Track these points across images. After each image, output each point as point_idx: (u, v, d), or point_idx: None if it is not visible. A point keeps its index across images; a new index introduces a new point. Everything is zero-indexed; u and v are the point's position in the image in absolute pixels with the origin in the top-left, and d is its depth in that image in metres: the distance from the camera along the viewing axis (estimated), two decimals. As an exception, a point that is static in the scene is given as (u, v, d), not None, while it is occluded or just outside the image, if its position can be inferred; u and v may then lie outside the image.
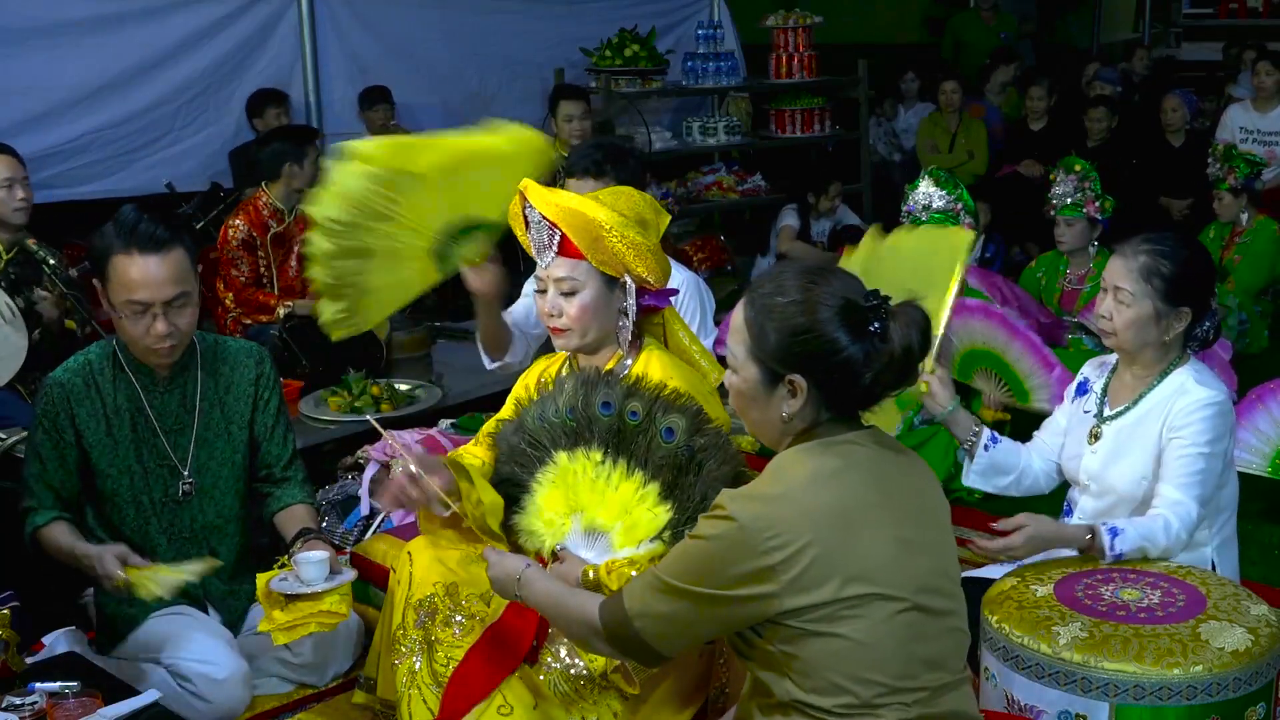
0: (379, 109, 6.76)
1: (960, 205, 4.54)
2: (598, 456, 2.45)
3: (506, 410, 2.79)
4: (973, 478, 2.93)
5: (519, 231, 2.73)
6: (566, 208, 2.56)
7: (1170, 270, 2.70)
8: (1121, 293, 2.73)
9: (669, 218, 2.77)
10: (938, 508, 2.00)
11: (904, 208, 4.66)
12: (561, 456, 2.49)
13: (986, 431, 2.90)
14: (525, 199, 2.62)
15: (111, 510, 2.92)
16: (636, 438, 2.43)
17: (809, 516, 1.82)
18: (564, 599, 2.12)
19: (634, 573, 2.38)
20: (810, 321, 1.87)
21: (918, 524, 1.92)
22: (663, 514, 2.41)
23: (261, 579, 2.78)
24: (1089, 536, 2.64)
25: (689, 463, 2.40)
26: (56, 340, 4.09)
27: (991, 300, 4.76)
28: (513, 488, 2.59)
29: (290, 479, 3.09)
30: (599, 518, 2.46)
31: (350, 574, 2.81)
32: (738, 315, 1.97)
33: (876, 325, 1.87)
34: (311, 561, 2.75)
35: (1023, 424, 4.02)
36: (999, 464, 2.91)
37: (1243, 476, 2.95)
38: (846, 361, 1.87)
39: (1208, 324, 2.79)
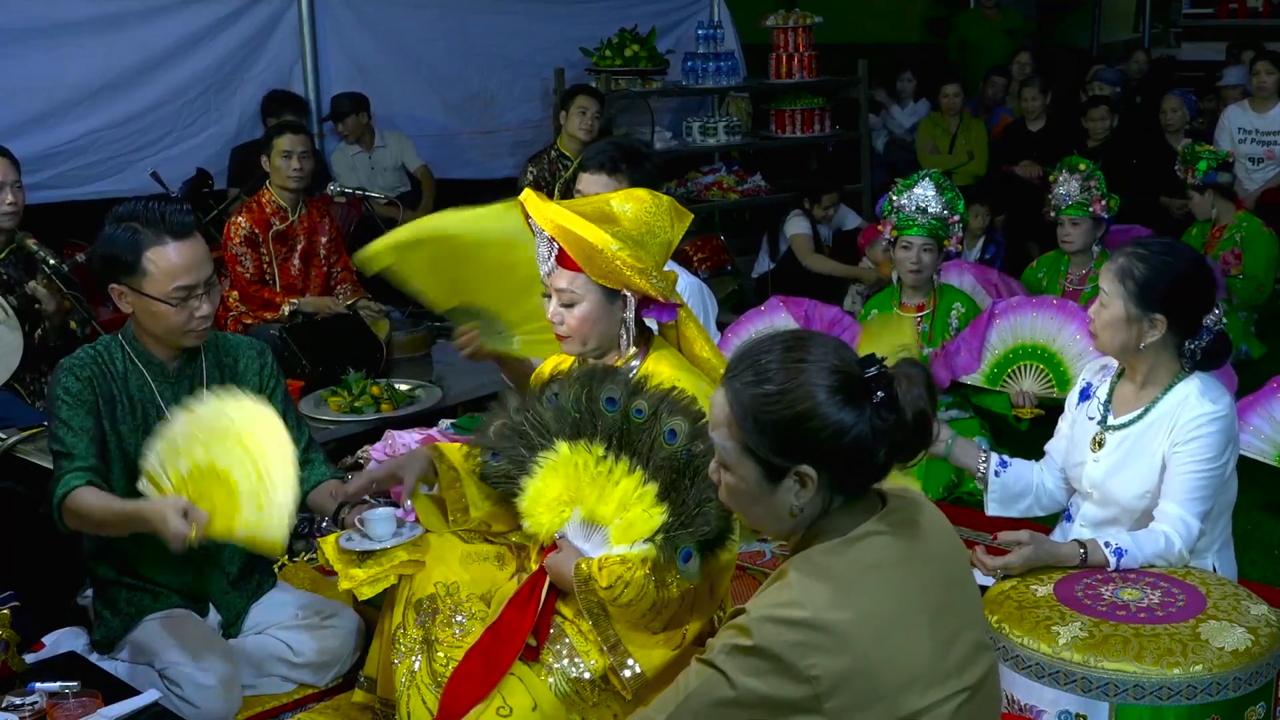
0: (348, 120, 6.66)
1: (956, 217, 4.56)
2: (600, 451, 2.45)
3: None
4: (993, 507, 2.91)
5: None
6: (560, 226, 2.55)
7: (1143, 273, 2.66)
8: (1102, 293, 2.73)
9: (691, 218, 2.72)
10: (962, 567, 1.86)
11: (894, 200, 4.59)
12: (563, 445, 2.48)
13: (994, 457, 2.88)
14: (525, 211, 2.62)
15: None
16: (640, 435, 2.43)
17: (845, 638, 1.64)
18: None
19: (624, 571, 2.40)
20: (808, 408, 1.67)
21: (949, 598, 1.77)
22: (657, 515, 2.40)
23: (326, 542, 2.72)
24: (1082, 554, 2.64)
25: (687, 467, 2.40)
26: (59, 336, 4.08)
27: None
28: (507, 462, 2.59)
29: (313, 461, 3.07)
30: (599, 511, 2.46)
31: (419, 529, 2.72)
32: (720, 408, 1.75)
33: (881, 394, 1.69)
34: (380, 518, 2.68)
35: (1053, 417, 4.00)
36: (1012, 489, 2.89)
37: (1249, 466, 2.93)
38: (856, 441, 1.68)
39: (1200, 342, 2.70)
